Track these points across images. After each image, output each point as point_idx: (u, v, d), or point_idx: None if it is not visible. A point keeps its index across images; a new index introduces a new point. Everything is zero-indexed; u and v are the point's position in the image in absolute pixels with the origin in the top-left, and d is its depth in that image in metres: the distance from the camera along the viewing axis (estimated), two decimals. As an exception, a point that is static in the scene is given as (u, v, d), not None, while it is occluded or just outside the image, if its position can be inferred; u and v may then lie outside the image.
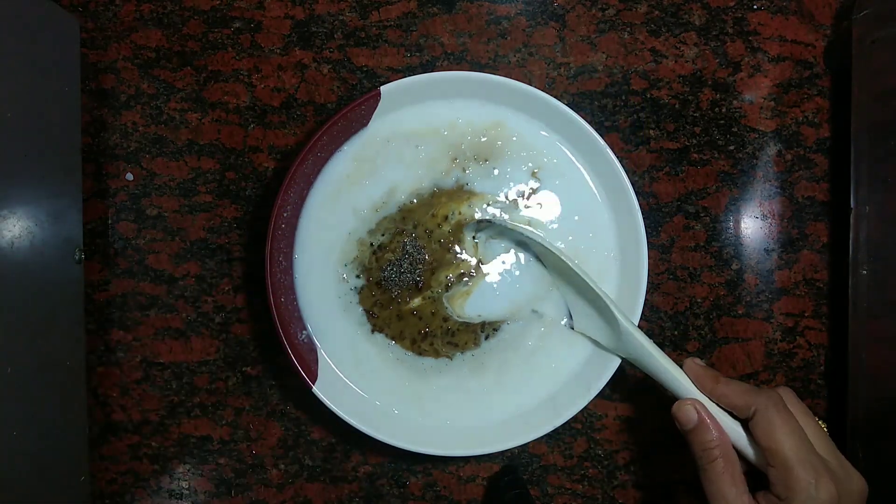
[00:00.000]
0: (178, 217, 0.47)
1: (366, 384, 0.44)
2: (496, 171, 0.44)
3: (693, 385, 0.38)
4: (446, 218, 0.43)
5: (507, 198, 0.44)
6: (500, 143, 0.44)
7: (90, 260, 0.47)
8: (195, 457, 0.48)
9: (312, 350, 0.43)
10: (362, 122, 0.43)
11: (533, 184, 0.44)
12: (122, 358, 0.47)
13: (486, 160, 0.44)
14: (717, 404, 0.37)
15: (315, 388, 0.42)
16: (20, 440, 0.37)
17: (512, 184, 0.44)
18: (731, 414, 0.37)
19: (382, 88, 0.41)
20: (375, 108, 0.42)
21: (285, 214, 0.42)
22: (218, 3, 0.47)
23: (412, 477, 0.48)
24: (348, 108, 0.41)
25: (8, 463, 0.36)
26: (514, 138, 0.44)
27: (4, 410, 0.36)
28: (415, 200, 0.44)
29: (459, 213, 0.43)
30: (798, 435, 0.34)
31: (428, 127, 0.44)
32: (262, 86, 0.47)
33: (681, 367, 0.39)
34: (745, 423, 0.37)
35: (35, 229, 0.38)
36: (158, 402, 0.48)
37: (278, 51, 0.47)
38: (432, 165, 0.44)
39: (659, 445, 0.47)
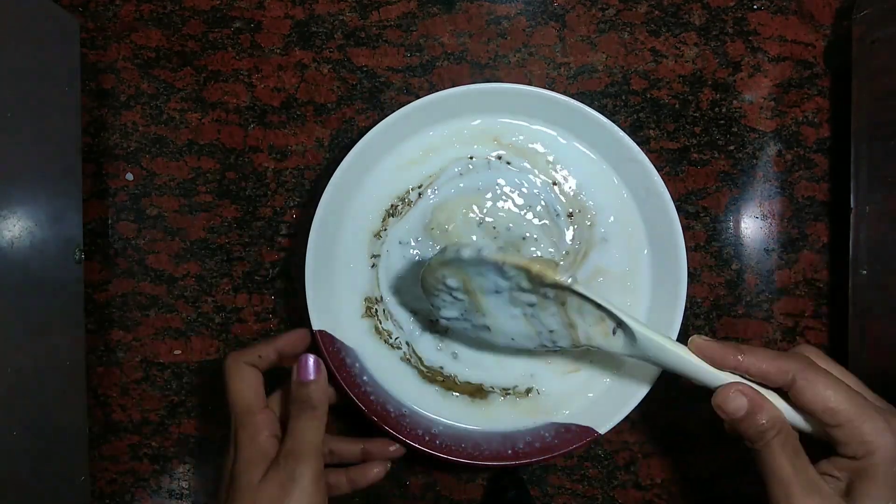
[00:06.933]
0: (178, 217, 0.47)
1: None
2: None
3: (712, 367, 0.34)
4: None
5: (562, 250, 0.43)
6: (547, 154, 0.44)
7: (90, 260, 0.47)
8: (195, 457, 0.48)
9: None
10: None
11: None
12: (122, 358, 0.47)
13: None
14: (744, 378, 0.34)
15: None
16: (20, 440, 0.37)
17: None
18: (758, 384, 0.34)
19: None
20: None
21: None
22: (218, 3, 0.47)
23: (412, 477, 0.48)
24: None
25: (8, 463, 0.36)
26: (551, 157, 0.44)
27: (4, 410, 0.36)
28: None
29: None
30: (847, 389, 0.32)
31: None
32: (262, 86, 0.47)
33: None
34: (780, 391, 0.33)
35: (35, 229, 0.38)
36: (158, 402, 0.48)
37: (278, 51, 0.47)
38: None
39: (659, 445, 0.47)
